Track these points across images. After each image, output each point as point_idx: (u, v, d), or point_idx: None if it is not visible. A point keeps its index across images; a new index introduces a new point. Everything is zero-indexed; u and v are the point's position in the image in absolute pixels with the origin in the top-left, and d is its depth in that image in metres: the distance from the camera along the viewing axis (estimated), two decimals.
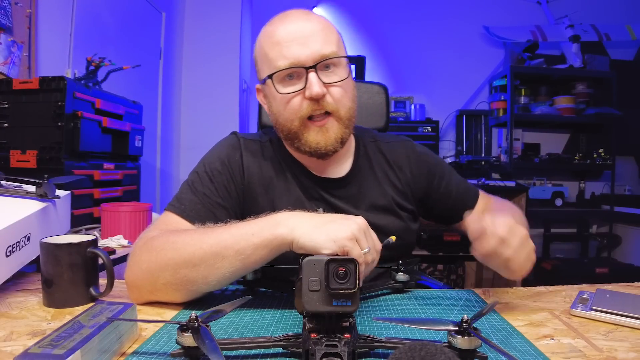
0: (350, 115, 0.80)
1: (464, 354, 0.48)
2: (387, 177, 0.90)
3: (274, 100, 0.80)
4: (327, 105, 0.76)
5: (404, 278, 0.77)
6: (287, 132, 0.80)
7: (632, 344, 0.56)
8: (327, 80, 0.76)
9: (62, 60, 1.86)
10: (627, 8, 3.59)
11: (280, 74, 0.76)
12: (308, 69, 0.74)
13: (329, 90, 0.76)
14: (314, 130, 0.78)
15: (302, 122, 0.77)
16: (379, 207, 0.87)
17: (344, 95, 0.78)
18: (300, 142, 0.79)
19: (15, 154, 1.37)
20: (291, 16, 0.79)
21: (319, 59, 0.75)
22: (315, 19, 0.79)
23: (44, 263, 0.66)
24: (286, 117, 0.78)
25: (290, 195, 0.84)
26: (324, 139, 0.78)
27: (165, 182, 2.91)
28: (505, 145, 3.32)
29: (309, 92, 0.74)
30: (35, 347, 0.44)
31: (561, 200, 3.26)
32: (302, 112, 0.76)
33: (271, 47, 0.77)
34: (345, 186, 0.86)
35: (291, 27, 0.76)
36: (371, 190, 0.88)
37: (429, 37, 3.58)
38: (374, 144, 0.93)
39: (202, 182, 0.81)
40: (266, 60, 0.78)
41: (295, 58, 0.74)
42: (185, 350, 0.49)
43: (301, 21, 0.77)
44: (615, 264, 3.10)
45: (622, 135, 3.22)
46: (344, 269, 0.49)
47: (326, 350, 0.46)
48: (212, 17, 3.11)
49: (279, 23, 0.78)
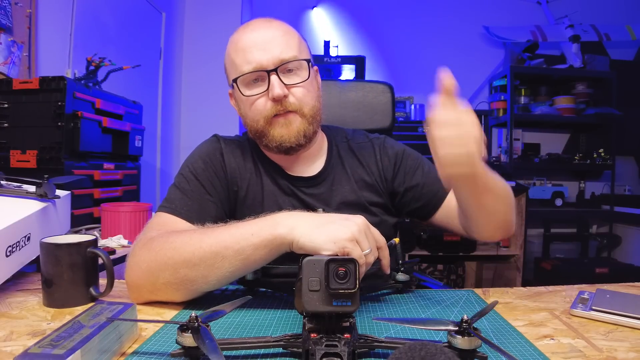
0: (314, 112, 0.84)
1: (464, 354, 0.48)
2: (358, 174, 0.92)
3: (241, 103, 0.85)
4: (290, 105, 0.81)
5: (404, 278, 0.77)
6: (254, 132, 0.85)
7: (632, 344, 0.56)
8: (288, 82, 0.81)
9: (62, 60, 1.86)
10: (627, 8, 3.60)
11: (245, 78, 0.81)
12: (270, 72, 0.79)
13: (291, 91, 0.81)
14: (278, 125, 0.82)
15: (266, 121, 0.82)
16: (350, 204, 0.89)
17: (306, 94, 0.82)
18: (267, 138, 0.83)
19: (15, 154, 1.37)
20: (254, 24, 0.84)
21: (279, 63, 0.80)
22: (276, 26, 0.84)
23: (44, 263, 0.66)
24: (252, 117, 0.83)
25: (267, 191, 0.88)
26: (287, 132, 0.81)
27: (166, 182, 2.91)
28: (505, 145, 3.32)
29: (271, 93, 0.79)
30: (35, 347, 0.44)
31: (561, 200, 3.26)
32: (267, 112, 0.81)
33: (236, 53, 0.82)
34: (317, 184, 0.90)
35: (253, 35, 0.82)
36: (342, 187, 0.90)
37: (429, 37, 3.58)
38: (346, 144, 0.96)
39: (188, 181, 0.84)
40: (233, 66, 0.83)
41: (257, 62, 0.79)
42: (185, 350, 0.49)
43: (263, 29, 0.83)
44: (615, 264, 3.10)
45: (622, 135, 3.22)
46: (344, 269, 0.49)
47: (326, 350, 0.46)
48: (212, 17, 3.11)
49: (243, 31, 0.84)
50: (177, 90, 3.09)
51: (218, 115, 3.04)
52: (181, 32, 3.12)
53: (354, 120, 1.22)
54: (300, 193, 0.88)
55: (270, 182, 0.88)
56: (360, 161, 0.93)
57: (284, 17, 0.89)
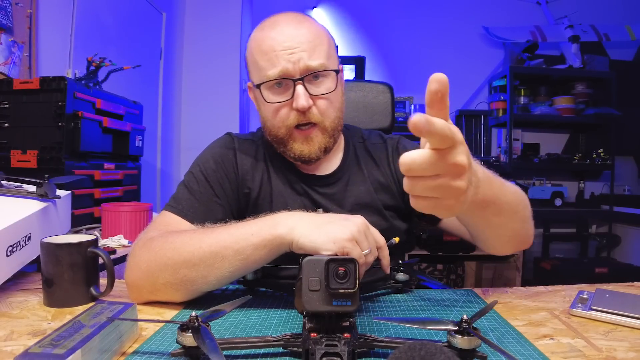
0: (335, 125, 0.82)
1: (464, 354, 0.48)
2: (374, 175, 0.90)
3: (262, 106, 0.82)
4: (313, 117, 0.78)
5: (404, 278, 0.77)
6: (274, 138, 0.83)
7: (632, 343, 0.56)
8: (314, 91, 0.78)
9: (62, 61, 1.86)
10: (626, 8, 3.60)
11: (269, 83, 0.78)
12: (295, 81, 0.76)
13: (316, 102, 0.78)
14: (300, 140, 0.80)
15: (288, 131, 0.80)
16: (364, 205, 0.86)
17: (329, 106, 0.80)
18: (286, 148, 0.82)
19: (15, 154, 1.37)
20: (281, 23, 0.78)
21: (306, 71, 0.76)
22: (305, 27, 0.78)
23: (45, 263, 0.66)
24: (274, 124, 0.81)
25: (277, 191, 0.86)
26: (308, 148, 0.80)
27: (166, 182, 2.91)
28: (504, 145, 3.32)
29: (295, 104, 0.76)
30: (35, 346, 0.44)
31: (560, 200, 3.27)
32: (289, 122, 0.79)
33: (260, 55, 0.78)
34: (332, 184, 0.87)
35: (280, 36, 0.76)
36: (357, 187, 0.88)
37: (428, 37, 3.58)
38: (362, 144, 0.94)
39: (197, 182, 0.82)
40: (255, 66, 0.80)
41: (283, 69, 0.75)
42: (185, 349, 0.49)
43: (291, 29, 0.77)
44: (615, 264, 3.11)
45: (622, 135, 3.23)
46: (344, 269, 0.49)
47: (326, 349, 0.46)
48: (212, 18, 3.11)
49: (269, 30, 0.79)
50: (177, 90, 3.09)
51: (218, 115, 3.04)
52: (181, 32, 3.12)
53: (354, 121, 1.22)
54: (313, 192, 0.86)
55: (280, 183, 0.86)
56: (376, 162, 0.92)
57: None
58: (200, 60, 3.11)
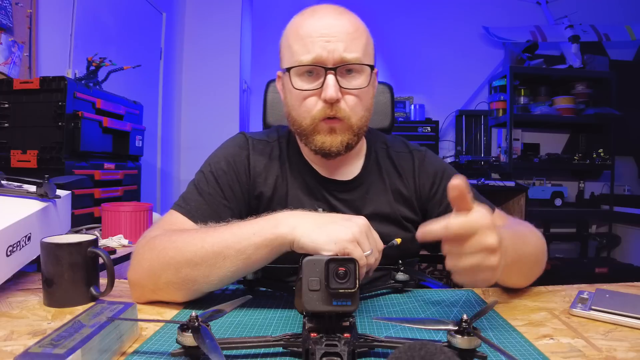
0: (362, 124, 0.79)
1: (464, 354, 0.48)
2: (395, 185, 0.87)
3: (289, 94, 0.79)
4: (340, 112, 0.75)
5: (404, 278, 0.77)
6: (297, 127, 0.80)
7: (632, 343, 0.56)
8: (345, 85, 0.75)
9: (62, 60, 1.86)
10: (626, 8, 3.60)
11: (300, 69, 0.75)
12: (327, 70, 0.73)
13: (345, 96, 0.75)
14: (323, 132, 0.77)
15: (312, 122, 0.77)
16: (382, 216, 0.85)
17: (358, 103, 0.77)
18: (308, 139, 0.79)
19: (15, 154, 1.37)
20: (322, 11, 0.77)
21: (340, 62, 0.73)
22: (346, 18, 0.76)
23: (45, 263, 0.66)
24: (299, 113, 0.78)
25: (292, 195, 0.84)
26: (330, 140, 0.77)
27: (166, 182, 2.91)
28: (504, 145, 3.32)
29: (324, 94, 0.73)
30: (35, 346, 0.44)
31: (561, 200, 3.27)
32: (316, 112, 0.76)
33: (296, 39, 0.76)
34: (351, 190, 0.85)
35: (319, 23, 0.75)
36: (377, 196, 0.86)
37: (428, 38, 3.58)
38: (385, 151, 0.91)
39: (207, 182, 0.81)
40: (289, 51, 0.77)
41: (317, 55, 0.73)
42: (185, 349, 0.49)
43: (331, 19, 0.75)
44: (615, 264, 3.11)
45: (622, 136, 3.23)
46: (344, 269, 0.49)
47: (326, 349, 0.46)
48: (212, 17, 3.11)
49: (308, 15, 0.77)
50: (177, 90, 3.10)
51: (218, 115, 3.04)
52: (181, 32, 3.12)
53: None
54: (331, 198, 0.84)
55: (297, 186, 0.84)
56: (399, 172, 0.88)
57: (283, 17, 0.87)
58: (200, 60, 3.11)
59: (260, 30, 3.54)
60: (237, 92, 3.06)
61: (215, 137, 0.95)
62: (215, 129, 2.97)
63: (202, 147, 3.14)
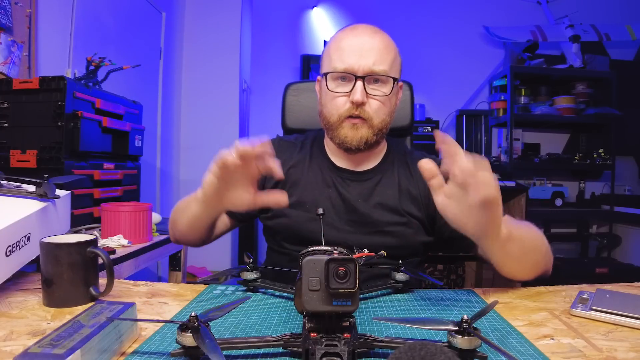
0: (382, 126, 0.91)
1: (464, 354, 0.48)
2: (405, 184, 0.95)
3: (324, 94, 0.93)
4: (364, 113, 0.88)
5: (404, 278, 0.77)
6: (325, 122, 0.93)
7: (632, 343, 0.56)
8: (371, 92, 0.88)
9: (62, 60, 1.86)
10: (627, 8, 3.60)
11: (334, 75, 0.89)
12: (357, 78, 0.86)
13: (369, 101, 0.88)
14: (347, 127, 0.90)
15: (339, 118, 0.90)
16: (387, 207, 0.93)
17: (381, 107, 0.89)
18: (333, 133, 0.92)
19: (15, 154, 1.37)
20: (360, 30, 0.91)
21: (369, 73, 0.87)
22: (379, 37, 0.90)
23: (44, 263, 0.66)
24: (329, 109, 0.91)
25: (306, 180, 0.96)
26: (352, 135, 0.89)
27: (165, 182, 2.91)
28: (505, 145, 3.32)
29: (352, 97, 0.87)
30: (35, 346, 0.44)
31: (561, 200, 3.27)
32: (343, 110, 0.89)
33: (335, 50, 0.90)
34: (362, 181, 0.95)
35: (357, 40, 0.89)
36: (385, 191, 0.94)
37: (429, 37, 3.58)
38: (402, 156, 1.01)
39: None
40: (328, 59, 0.92)
41: (350, 65, 0.87)
42: (185, 349, 0.49)
43: (366, 36, 0.89)
44: (615, 264, 3.11)
45: (622, 135, 3.23)
46: (344, 269, 0.49)
47: (326, 349, 0.46)
48: (212, 17, 3.11)
49: (349, 31, 0.92)
50: (177, 90, 3.10)
51: (218, 115, 3.04)
52: (181, 32, 3.12)
53: None
54: (340, 185, 0.94)
55: (312, 174, 0.96)
56: (412, 173, 0.97)
57: (283, 16, 0.90)
58: (200, 60, 3.11)
59: (260, 30, 3.54)
60: (237, 92, 3.06)
61: (215, 137, 0.98)
62: (215, 129, 2.97)
63: (201, 146, 3.17)
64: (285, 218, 0.94)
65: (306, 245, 0.63)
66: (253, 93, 3.57)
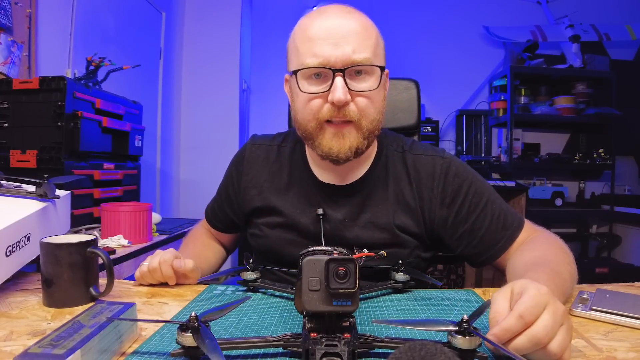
0: (373, 127, 0.75)
1: (464, 354, 0.48)
2: (401, 195, 0.82)
3: (296, 97, 0.77)
4: (349, 114, 0.72)
5: (403, 278, 0.77)
6: (302, 131, 0.78)
7: (632, 343, 0.56)
8: (354, 87, 0.72)
9: (62, 60, 1.86)
10: (627, 8, 3.60)
11: (307, 72, 0.72)
12: (336, 72, 0.70)
13: (355, 99, 0.72)
14: (330, 134, 0.74)
15: (318, 124, 0.74)
16: (377, 226, 0.82)
17: (369, 105, 0.73)
18: (314, 144, 0.77)
19: (15, 154, 1.37)
20: (330, 12, 0.74)
21: (349, 64, 0.70)
22: (355, 18, 0.73)
23: (44, 263, 0.66)
24: (304, 116, 0.75)
25: (287, 198, 0.87)
26: (338, 146, 0.74)
27: (165, 182, 2.90)
28: (505, 145, 3.32)
29: (331, 96, 0.70)
30: (35, 346, 0.44)
31: (561, 200, 3.26)
32: (321, 115, 0.73)
33: (303, 41, 0.73)
34: (349, 195, 0.83)
35: (326, 23, 0.72)
36: (376, 206, 0.82)
37: (429, 37, 3.58)
38: (400, 155, 0.85)
39: (220, 186, 0.99)
40: (296, 53, 0.75)
41: (324, 58, 0.70)
42: (185, 350, 0.49)
43: (339, 19, 0.72)
44: (615, 264, 3.11)
45: (622, 135, 3.23)
46: (344, 269, 0.49)
47: (326, 349, 0.46)
48: (212, 17, 3.11)
49: (315, 16, 0.74)
50: (177, 90, 3.09)
51: (218, 115, 3.04)
52: (181, 32, 3.12)
53: None
54: (327, 206, 0.82)
55: (296, 193, 0.85)
56: (410, 179, 0.83)
57: (283, 16, 0.87)
58: (200, 60, 3.11)
59: (260, 30, 3.54)
60: (237, 91, 3.05)
61: (215, 136, 0.99)
62: (215, 129, 2.97)
63: (201, 146, 3.16)
64: (266, 239, 0.87)
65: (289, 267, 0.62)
66: (253, 93, 3.57)
